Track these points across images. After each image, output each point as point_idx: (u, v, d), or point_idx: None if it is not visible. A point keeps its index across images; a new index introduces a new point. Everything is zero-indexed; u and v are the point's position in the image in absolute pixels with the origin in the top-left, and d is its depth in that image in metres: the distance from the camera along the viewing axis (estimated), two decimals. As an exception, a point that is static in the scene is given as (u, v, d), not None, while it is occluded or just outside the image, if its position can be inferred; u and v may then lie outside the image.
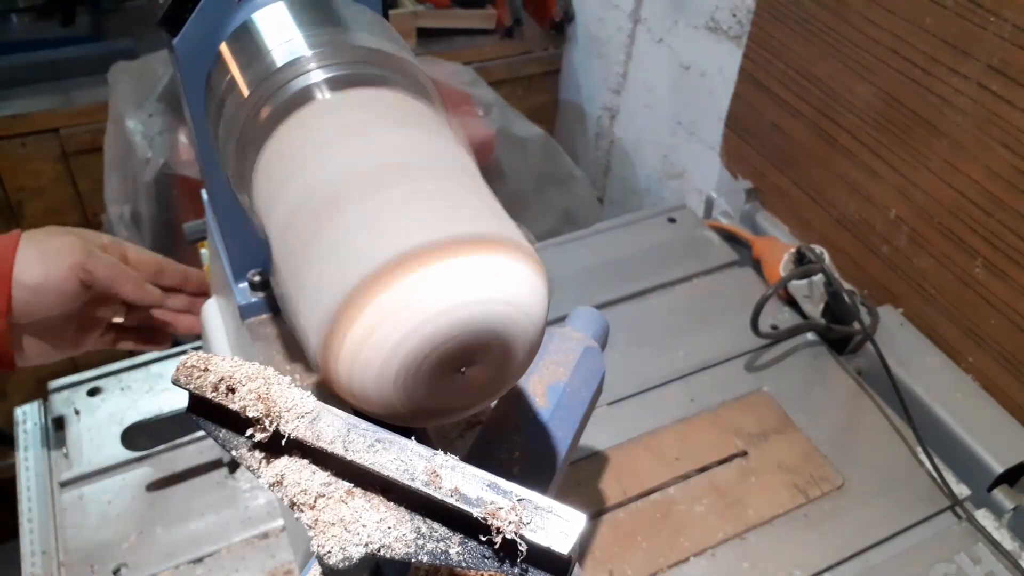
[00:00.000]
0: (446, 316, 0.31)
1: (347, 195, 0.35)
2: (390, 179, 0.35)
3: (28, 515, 0.77)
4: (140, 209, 1.41)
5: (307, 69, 0.42)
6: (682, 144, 1.46)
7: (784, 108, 1.09)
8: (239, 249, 0.58)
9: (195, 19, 0.46)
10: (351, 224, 0.34)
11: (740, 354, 0.96)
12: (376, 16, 0.49)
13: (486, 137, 1.51)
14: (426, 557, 0.30)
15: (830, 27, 0.98)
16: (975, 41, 0.81)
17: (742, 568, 0.76)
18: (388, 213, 0.34)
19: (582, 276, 1.06)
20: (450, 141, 0.40)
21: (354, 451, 0.31)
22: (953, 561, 0.75)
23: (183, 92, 0.50)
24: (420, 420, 0.36)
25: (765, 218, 1.18)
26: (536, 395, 0.50)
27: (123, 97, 1.38)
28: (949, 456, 0.84)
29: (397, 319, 0.31)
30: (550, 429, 0.49)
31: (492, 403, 0.49)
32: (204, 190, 0.62)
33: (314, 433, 0.32)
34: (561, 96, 1.85)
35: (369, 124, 0.40)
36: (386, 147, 0.38)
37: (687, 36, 1.36)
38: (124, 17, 1.69)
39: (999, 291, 0.86)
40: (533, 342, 0.35)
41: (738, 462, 0.85)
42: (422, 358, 0.32)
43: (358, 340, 0.31)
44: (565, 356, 0.53)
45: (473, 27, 1.71)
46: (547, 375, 0.52)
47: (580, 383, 0.52)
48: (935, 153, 0.89)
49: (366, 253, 0.32)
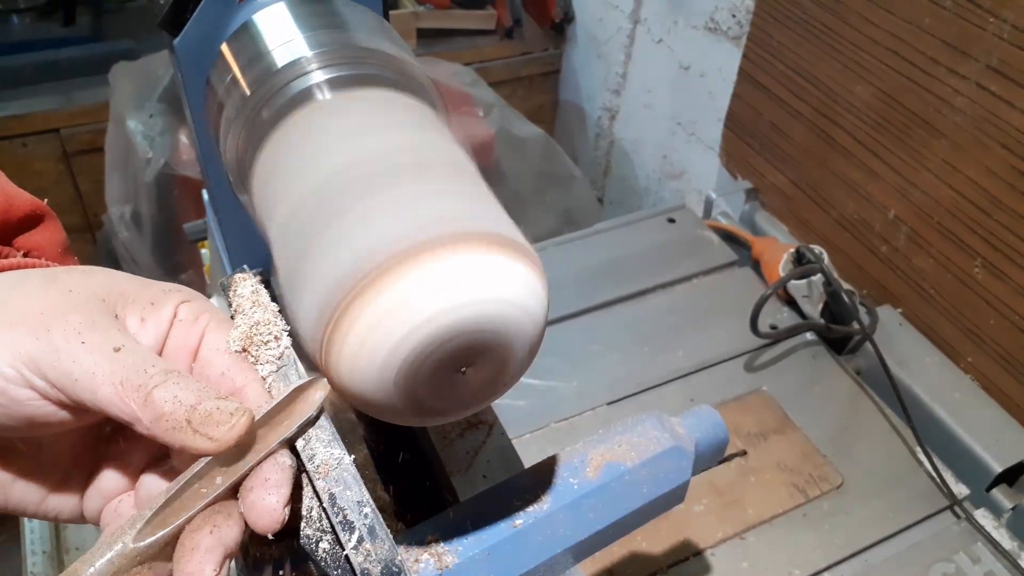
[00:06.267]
0: (447, 315, 0.31)
1: (347, 195, 0.35)
2: (390, 179, 0.36)
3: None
4: (141, 209, 1.41)
5: (308, 70, 0.42)
6: (682, 144, 1.46)
7: (783, 108, 1.09)
8: (239, 249, 0.58)
9: (196, 20, 0.46)
10: (350, 224, 0.34)
11: (739, 354, 0.97)
12: (376, 17, 0.50)
13: (486, 137, 1.52)
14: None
15: (829, 28, 0.98)
16: (974, 41, 0.82)
17: (741, 568, 0.76)
18: (388, 213, 0.34)
19: (582, 276, 1.06)
20: (450, 141, 0.40)
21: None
22: (952, 560, 0.76)
23: (184, 92, 0.50)
24: (420, 420, 0.36)
25: (764, 218, 1.18)
26: (590, 465, 0.45)
27: (124, 97, 1.38)
28: (948, 456, 0.84)
29: (398, 319, 0.31)
30: (581, 505, 0.43)
31: (492, 403, 0.50)
32: (204, 190, 0.62)
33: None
34: (561, 96, 1.85)
35: (369, 124, 0.40)
36: (386, 147, 0.38)
37: (687, 37, 1.37)
38: (125, 17, 1.69)
39: (998, 291, 0.86)
40: (534, 342, 0.35)
41: (737, 462, 0.85)
42: (423, 358, 0.32)
43: (358, 340, 0.31)
44: (646, 443, 0.46)
45: (473, 28, 1.71)
46: (614, 452, 0.46)
47: (646, 478, 0.45)
48: (934, 153, 0.89)
49: (365, 253, 0.32)
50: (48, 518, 0.39)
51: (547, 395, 0.90)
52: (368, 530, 0.32)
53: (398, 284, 0.31)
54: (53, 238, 0.41)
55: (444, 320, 0.31)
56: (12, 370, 0.31)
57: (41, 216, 0.41)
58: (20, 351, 0.31)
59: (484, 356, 0.34)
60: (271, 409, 0.33)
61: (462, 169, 0.38)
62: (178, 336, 0.35)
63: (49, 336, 0.31)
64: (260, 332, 0.36)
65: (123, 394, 0.31)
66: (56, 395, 0.32)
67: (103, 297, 0.34)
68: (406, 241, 0.32)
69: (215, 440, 0.31)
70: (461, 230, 0.33)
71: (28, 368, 0.31)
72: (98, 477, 0.38)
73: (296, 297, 0.35)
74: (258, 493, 0.31)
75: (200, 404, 0.31)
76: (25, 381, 0.31)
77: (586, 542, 0.44)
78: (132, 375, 0.31)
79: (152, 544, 0.30)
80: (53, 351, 0.31)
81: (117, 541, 0.30)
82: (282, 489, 0.32)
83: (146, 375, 0.31)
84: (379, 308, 0.31)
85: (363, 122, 0.40)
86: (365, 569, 0.31)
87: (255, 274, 0.40)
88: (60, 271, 0.35)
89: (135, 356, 0.32)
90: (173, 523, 0.30)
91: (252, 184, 0.43)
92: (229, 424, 0.31)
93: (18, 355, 0.31)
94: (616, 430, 0.48)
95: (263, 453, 0.32)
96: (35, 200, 0.41)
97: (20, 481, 0.36)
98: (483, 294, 0.32)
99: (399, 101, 0.42)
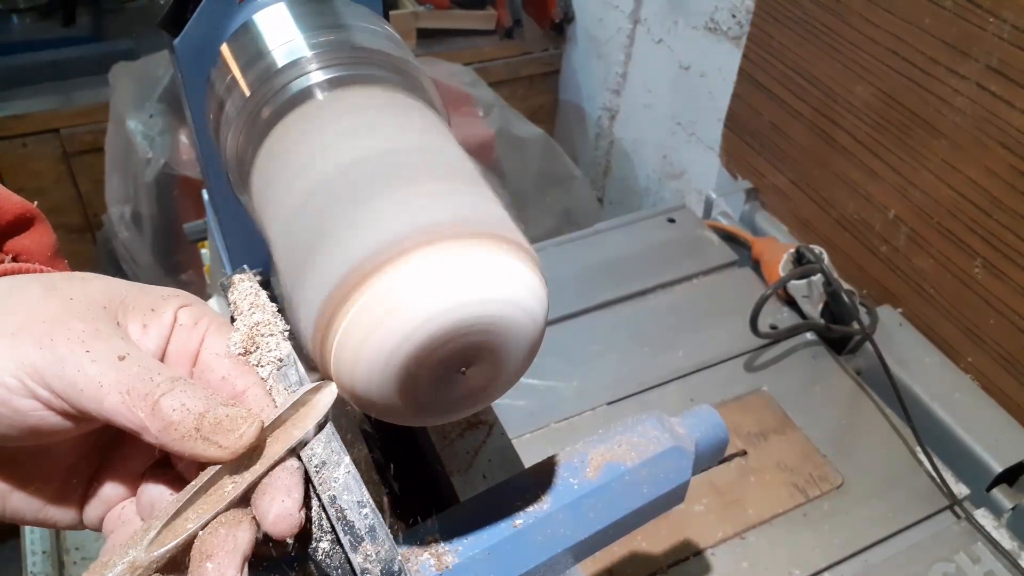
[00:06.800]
0: (448, 316, 0.31)
1: (347, 195, 0.35)
2: (390, 180, 0.36)
3: (29, 515, 0.77)
4: (141, 209, 1.41)
5: (307, 70, 0.42)
6: (682, 144, 1.46)
7: (783, 108, 1.09)
8: (239, 249, 0.58)
9: (196, 20, 0.46)
10: (350, 224, 0.34)
11: (739, 354, 0.97)
12: (376, 17, 0.50)
13: (486, 137, 1.52)
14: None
15: (829, 28, 0.98)
16: (974, 42, 0.82)
17: (741, 568, 0.76)
18: (389, 213, 0.34)
19: (582, 276, 1.06)
20: (450, 141, 0.40)
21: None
22: (952, 560, 0.76)
23: (184, 93, 0.50)
24: (420, 420, 0.36)
25: (764, 218, 1.18)
26: (589, 465, 0.45)
27: (124, 97, 1.38)
28: (948, 456, 0.84)
29: (398, 319, 0.31)
30: (581, 505, 0.43)
31: (492, 403, 0.49)
32: (204, 190, 0.62)
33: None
34: (561, 96, 1.85)
35: (369, 124, 0.40)
36: (386, 147, 0.38)
37: (687, 37, 1.37)
38: (125, 18, 1.69)
39: (998, 291, 0.86)
40: (534, 342, 0.35)
41: (737, 462, 0.85)
42: (423, 358, 0.32)
43: (358, 340, 0.31)
44: (646, 443, 0.46)
45: (473, 28, 1.71)
46: (614, 452, 0.46)
47: (646, 478, 0.45)
48: (934, 153, 0.89)
49: (365, 253, 0.32)
50: (46, 526, 0.38)
51: (547, 395, 0.90)
52: (368, 530, 0.32)
53: (398, 285, 0.31)
54: (43, 241, 0.40)
55: (444, 320, 0.31)
56: (15, 380, 0.30)
57: (31, 219, 0.39)
58: (23, 361, 0.30)
59: (484, 356, 0.34)
60: (281, 414, 0.33)
61: (462, 169, 0.38)
62: (178, 341, 0.35)
63: (53, 345, 0.30)
64: (260, 333, 0.36)
65: (130, 403, 0.30)
66: (60, 405, 0.31)
67: (104, 305, 0.33)
68: (407, 241, 0.32)
69: (226, 448, 0.30)
70: (461, 230, 0.33)
71: (31, 378, 0.30)
72: (97, 484, 0.37)
73: (296, 297, 0.35)
74: (272, 498, 0.31)
75: (209, 412, 0.30)
76: (28, 391, 0.30)
77: (586, 542, 0.44)
78: (138, 384, 0.30)
79: (164, 554, 0.29)
80: (57, 361, 0.30)
81: (128, 553, 0.29)
82: (295, 493, 0.31)
83: (152, 383, 0.30)
84: (379, 308, 0.31)
85: (363, 122, 0.40)
86: (365, 569, 0.31)
87: (255, 274, 0.40)
88: (58, 278, 0.34)
89: (140, 364, 0.31)
90: (185, 533, 0.30)
91: (252, 184, 0.43)
92: (239, 432, 0.30)
93: (21, 365, 0.30)
94: (616, 430, 0.47)
95: (274, 459, 0.32)
96: (25, 203, 0.39)
97: (17, 490, 0.36)
98: (483, 294, 0.32)
99: (399, 101, 0.42)
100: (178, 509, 0.30)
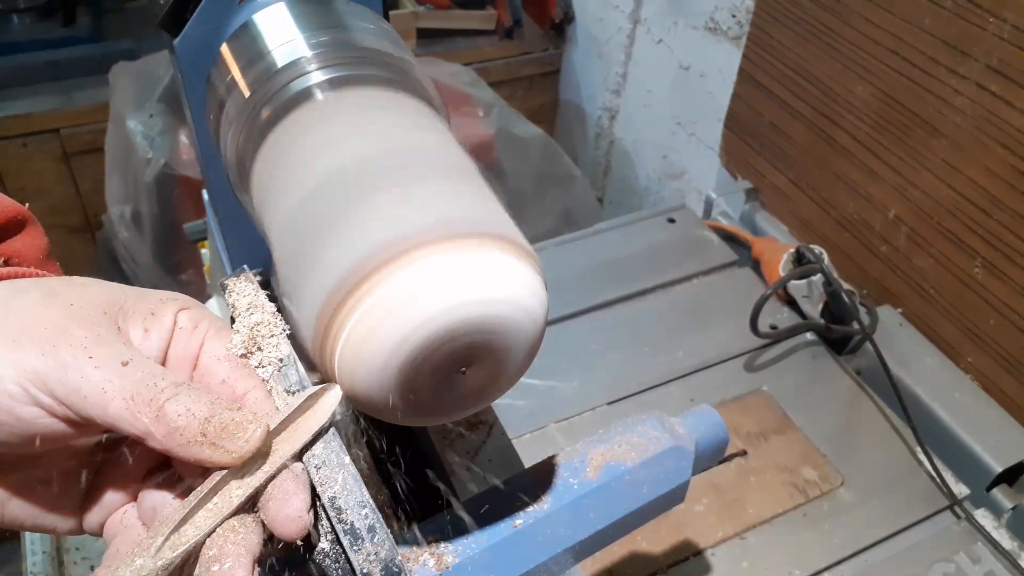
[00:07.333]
0: (448, 316, 0.31)
1: (347, 196, 0.35)
2: (390, 180, 0.36)
3: (29, 515, 0.77)
4: (141, 209, 1.42)
5: (307, 70, 0.42)
6: (682, 144, 1.46)
7: (783, 108, 1.09)
8: (239, 249, 0.58)
9: (196, 20, 0.46)
10: (350, 224, 0.34)
11: (739, 354, 0.97)
12: (376, 17, 0.50)
13: (486, 137, 1.52)
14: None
15: (829, 28, 0.98)
16: (974, 42, 0.82)
17: (741, 568, 0.76)
18: (389, 213, 0.34)
19: (582, 276, 1.06)
20: (450, 141, 0.40)
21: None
22: (952, 560, 0.76)
23: (184, 93, 0.50)
24: (420, 420, 0.36)
25: (764, 218, 1.18)
26: (590, 465, 0.45)
27: (124, 98, 1.38)
28: (948, 456, 0.84)
29: (398, 319, 0.31)
30: (581, 505, 0.43)
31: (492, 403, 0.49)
32: (204, 190, 0.62)
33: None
34: (561, 96, 1.85)
35: (369, 124, 0.40)
36: (386, 147, 0.38)
37: (687, 37, 1.37)
38: (125, 18, 1.69)
39: (998, 291, 0.86)
40: (533, 342, 0.35)
41: (737, 462, 0.85)
42: (423, 358, 0.32)
43: (358, 341, 0.31)
44: (646, 443, 0.46)
45: (473, 28, 1.71)
46: (614, 452, 0.46)
47: (646, 478, 0.45)
48: (934, 153, 0.89)
49: (365, 253, 0.32)
50: (45, 531, 0.38)
51: (547, 395, 0.90)
52: (368, 530, 0.32)
53: (398, 285, 0.31)
54: (35, 244, 0.40)
55: (444, 320, 0.31)
56: (17, 387, 0.30)
57: (23, 222, 0.39)
58: (25, 368, 0.30)
59: (484, 356, 0.34)
60: (286, 417, 0.33)
61: (462, 169, 0.38)
62: (179, 345, 0.34)
63: (55, 352, 0.30)
64: (260, 333, 0.36)
65: (134, 409, 0.30)
66: (63, 412, 0.30)
67: (104, 310, 0.33)
68: (406, 242, 0.32)
69: (232, 452, 0.30)
70: (461, 230, 0.33)
71: (34, 385, 0.30)
72: (97, 490, 0.36)
73: (296, 297, 0.35)
74: (280, 501, 0.31)
75: (214, 416, 0.30)
76: (31, 399, 0.30)
77: (586, 542, 0.44)
78: (142, 389, 0.30)
79: (174, 560, 0.29)
80: (60, 368, 0.30)
81: (135, 560, 0.29)
82: (302, 495, 0.31)
83: (156, 388, 0.30)
84: (379, 309, 0.31)
85: (363, 122, 0.40)
86: (365, 569, 0.31)
87: (255, 274, 0.40)
88: (56, 283, 0.34)
89: (144, 369, 0.31)
90: (193, 538, 0.30)
91: (252, 184, 0.43)
92: (245, 436, 0.30)
93: (23, 372, 0.30)
94: (616, 430, 0.47)
95: (279, 463, 0.32)
96: (17, 205, 0.39)
97: (16, 497, 0.35)
98: (483, 294, 0.32)
99: (399, 101, 0.42)
100: (185, 515, 0.30)
